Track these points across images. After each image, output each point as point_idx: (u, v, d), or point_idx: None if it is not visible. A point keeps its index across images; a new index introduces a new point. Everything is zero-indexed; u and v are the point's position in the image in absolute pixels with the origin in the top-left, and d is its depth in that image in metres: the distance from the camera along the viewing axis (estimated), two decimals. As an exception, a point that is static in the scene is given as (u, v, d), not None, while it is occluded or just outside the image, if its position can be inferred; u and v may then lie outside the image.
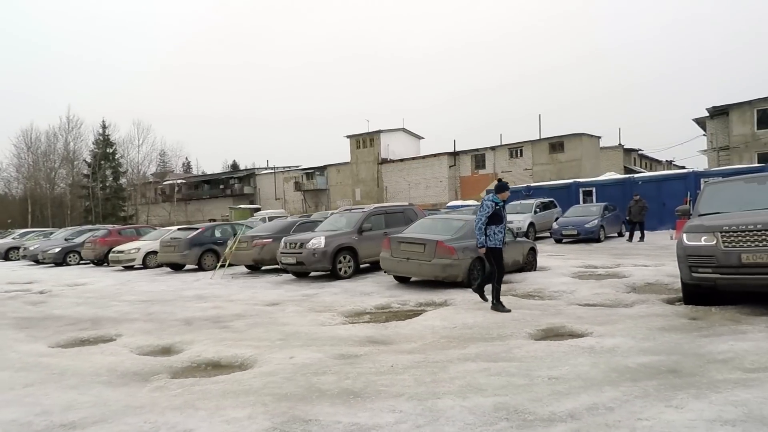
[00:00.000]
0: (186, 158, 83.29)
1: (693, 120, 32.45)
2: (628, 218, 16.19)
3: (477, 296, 6.68)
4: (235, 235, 13.21)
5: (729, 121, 27.98)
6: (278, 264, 10.85)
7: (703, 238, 5.54)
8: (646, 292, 7.19)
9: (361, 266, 10.70)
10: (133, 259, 15.33)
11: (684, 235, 5.83)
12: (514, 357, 4.34)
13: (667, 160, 47.69)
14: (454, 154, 40.65)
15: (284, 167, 55.69)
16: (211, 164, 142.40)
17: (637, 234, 16.15)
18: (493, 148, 38.81)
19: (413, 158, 43.61)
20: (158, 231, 18.05)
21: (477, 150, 39.70)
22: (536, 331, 5.34)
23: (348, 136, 46.32)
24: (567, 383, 3.57)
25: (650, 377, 3.61)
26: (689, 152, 58.63)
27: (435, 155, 41.70)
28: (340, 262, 10.05)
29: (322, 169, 49.74)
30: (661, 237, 16.17)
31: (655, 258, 10.85)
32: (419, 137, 49.78)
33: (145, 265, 15.29)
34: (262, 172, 56.46)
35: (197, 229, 14.62)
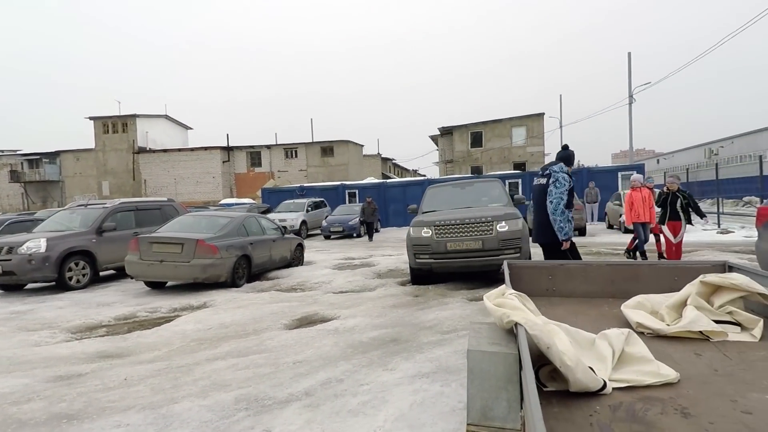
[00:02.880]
0: None
1: (429, 137, 39.71)
2: (362, 219, 17.97)
3: (241, 294, 6.44)
4: None
5: (453, 139, 35.32)
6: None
7: (423, 231, 6.86)
8: (387, 277, 8.42)
9: (103, 274, 9.14)
10: None
11: (410, 228, 7.11)
12: (266, 348, 4.47)
13: (413, 169, 56.88)
14: (228, 149, 38.59)
15: (-7, 151, 42.54)
16: None
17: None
18: (269, 147, 38.43)
19: (180, 150, 39.29)
20: None
21: (253, 147, 38.64)
22: (291, 321, 5.61)
23: (92, 118, 38.53)
24: (309, 364, 3.89)
25: (377, 348, 4.27)
26: (428, 163, 71.65)
27: (206, 148, 38.54)
28: (71, 270, 8.32)
29: (53, 156, 39.89)
30: (405, 232, 19.15)
31: (399, 249, 12.81)
32: (187, 127, 45.39)
33: None
34: (-46, 156, 41.72)
35: None
